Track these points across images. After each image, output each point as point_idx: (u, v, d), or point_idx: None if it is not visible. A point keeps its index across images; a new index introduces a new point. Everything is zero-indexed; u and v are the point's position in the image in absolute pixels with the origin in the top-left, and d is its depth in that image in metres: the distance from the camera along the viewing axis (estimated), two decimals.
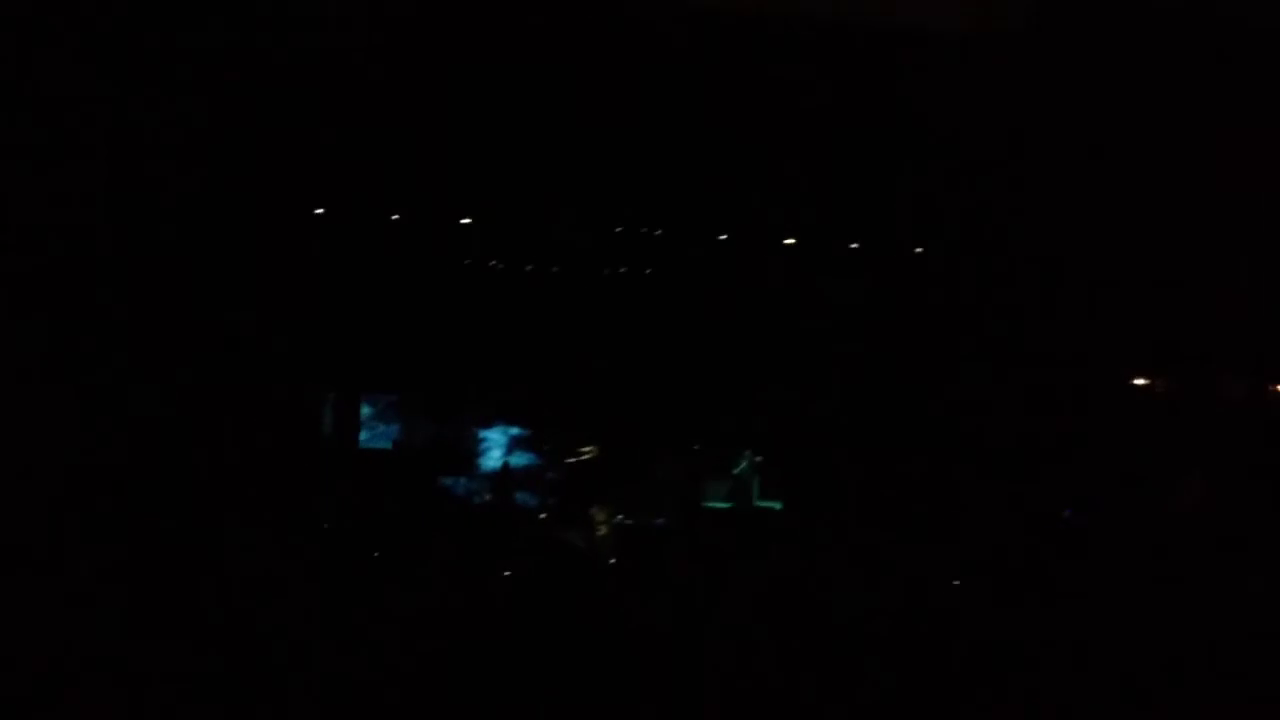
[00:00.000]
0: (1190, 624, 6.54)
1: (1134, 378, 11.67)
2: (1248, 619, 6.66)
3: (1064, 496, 10.62)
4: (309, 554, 9.52)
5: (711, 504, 12.18)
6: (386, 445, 13.34)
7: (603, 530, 11.32)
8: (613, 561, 10.83)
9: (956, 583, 8.59)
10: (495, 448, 13.32)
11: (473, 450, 13.33)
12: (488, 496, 12.74)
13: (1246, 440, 10.61)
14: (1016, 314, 11.15)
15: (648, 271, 12.55)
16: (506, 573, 9.02)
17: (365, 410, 13.29)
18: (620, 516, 11.57)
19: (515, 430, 13.32)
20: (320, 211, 11.45)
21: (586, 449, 12.32)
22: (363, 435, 13.26)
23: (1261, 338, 10.45)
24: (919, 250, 11.87)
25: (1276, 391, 11.32)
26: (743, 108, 9.08)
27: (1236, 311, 10.24)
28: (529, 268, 12.64)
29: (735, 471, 12.44)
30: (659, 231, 11.80)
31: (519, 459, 13.09)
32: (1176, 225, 9.90)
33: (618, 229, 11.83)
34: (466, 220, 11.75)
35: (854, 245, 11.89)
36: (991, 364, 11.17)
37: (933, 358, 11.75)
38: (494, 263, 12.60)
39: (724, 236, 11.78)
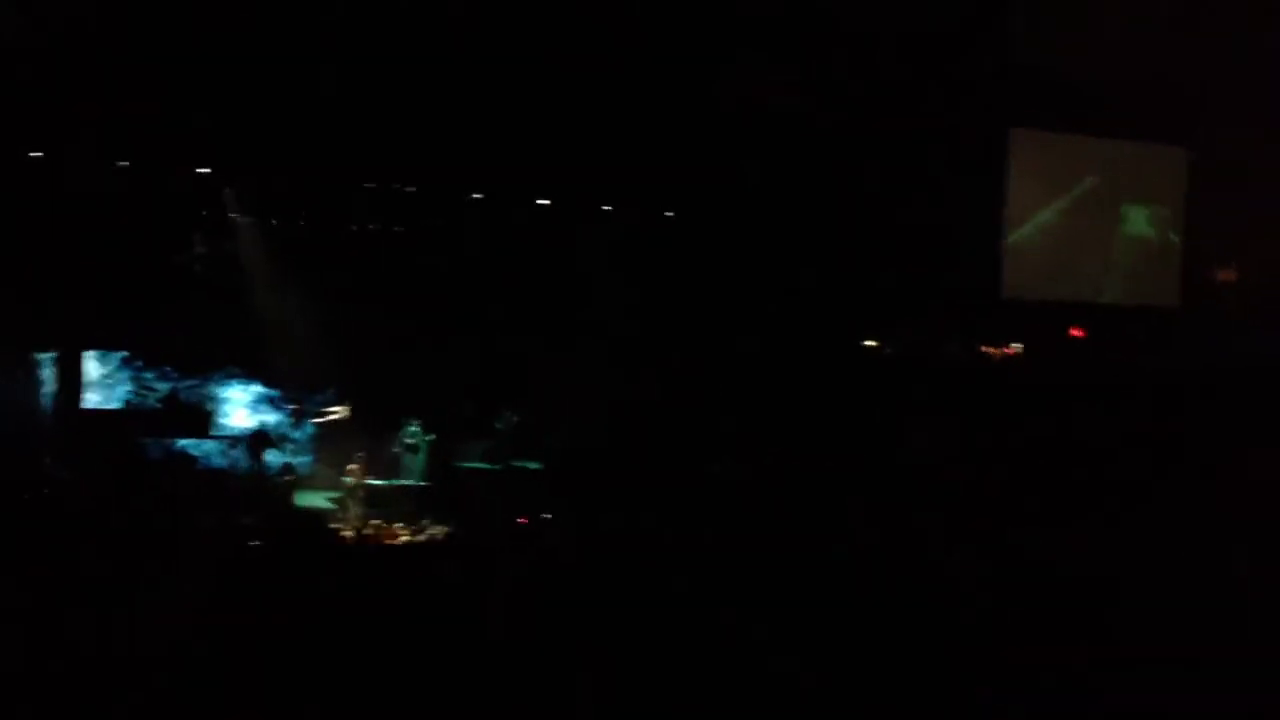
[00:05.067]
0: None
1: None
2: None
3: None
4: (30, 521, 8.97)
5: (467, 464, 12.04)
6: (118, 405, 12.56)
7: (355, 492, 11.16)
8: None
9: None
10: (239, 407, 12.76)
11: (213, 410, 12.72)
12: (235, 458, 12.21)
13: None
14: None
15: (397, 229, 12.25)
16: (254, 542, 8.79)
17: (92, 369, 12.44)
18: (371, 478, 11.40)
19: (259, 389, 12.79)
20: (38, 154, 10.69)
21: (335, 409, 12.01)
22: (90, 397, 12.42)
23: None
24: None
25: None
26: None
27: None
28: (274, 221, 12.10)
29: (497, 428, 12.23)
30: (411, 189, 11.60)
31: (265, 418, 12.59)
32: None
33: (369, 186, 11.57)
34: (204, 170, 11.22)
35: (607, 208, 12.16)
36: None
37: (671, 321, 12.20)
38: (236, 216, 12.01)
39: (477, 196, 11.72)
